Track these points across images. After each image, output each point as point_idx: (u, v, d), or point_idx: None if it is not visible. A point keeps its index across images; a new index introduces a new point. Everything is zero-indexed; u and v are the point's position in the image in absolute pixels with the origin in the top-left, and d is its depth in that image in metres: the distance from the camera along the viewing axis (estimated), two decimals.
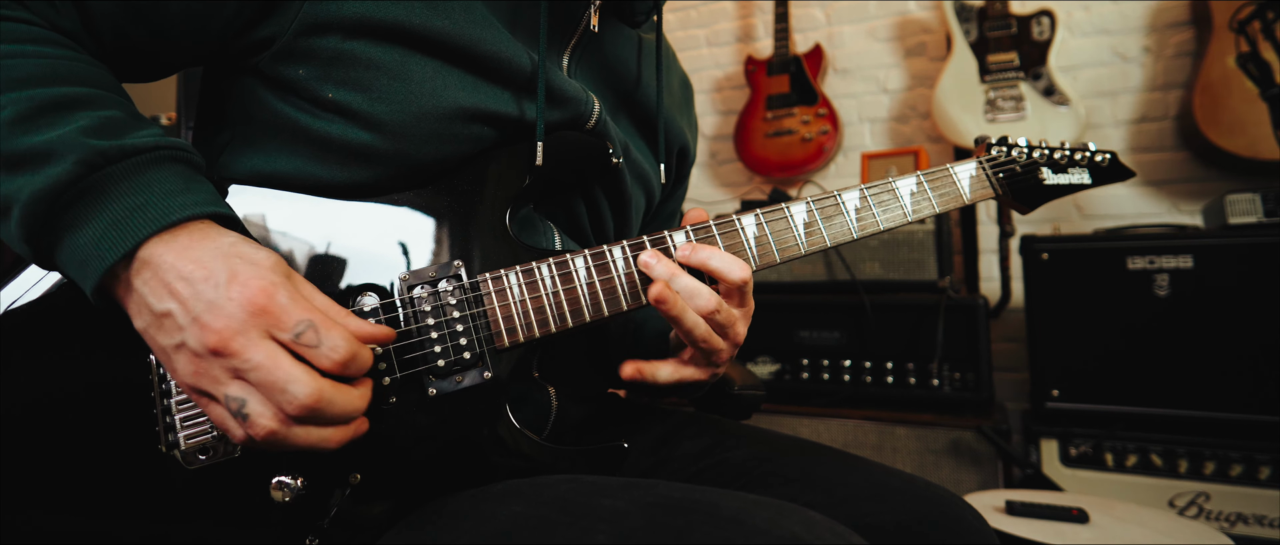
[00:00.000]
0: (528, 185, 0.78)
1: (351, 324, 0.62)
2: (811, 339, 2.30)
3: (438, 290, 0.71)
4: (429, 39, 0.72)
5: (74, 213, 0.58)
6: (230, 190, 0.71)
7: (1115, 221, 2.56)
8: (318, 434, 0.59)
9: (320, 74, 0.71)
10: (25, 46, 0.62)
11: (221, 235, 0.61)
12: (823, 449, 0.88)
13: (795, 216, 0.83)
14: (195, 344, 0.56)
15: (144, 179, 0.60)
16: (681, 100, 1.09)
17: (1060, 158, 0.98)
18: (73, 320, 0.66)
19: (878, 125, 3.02)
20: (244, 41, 0.71)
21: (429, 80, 0.73)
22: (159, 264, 0.58)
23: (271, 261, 0.60)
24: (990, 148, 0.96)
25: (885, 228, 0.86)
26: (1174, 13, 2.58)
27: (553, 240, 0.85)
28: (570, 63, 0.86)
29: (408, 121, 0.72)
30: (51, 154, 0.57)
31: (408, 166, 0.73)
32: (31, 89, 0.59)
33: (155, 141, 0.61)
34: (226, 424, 0.58)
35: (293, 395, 0.56)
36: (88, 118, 0.60)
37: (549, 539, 0.57)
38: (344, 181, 0.73)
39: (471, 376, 0.71)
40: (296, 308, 0.58)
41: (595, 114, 0.83)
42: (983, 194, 0.93)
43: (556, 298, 0.74)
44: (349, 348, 0.59)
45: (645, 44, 0.97)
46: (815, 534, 0.56)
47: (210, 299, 0.56)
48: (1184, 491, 1.84)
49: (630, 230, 0.96)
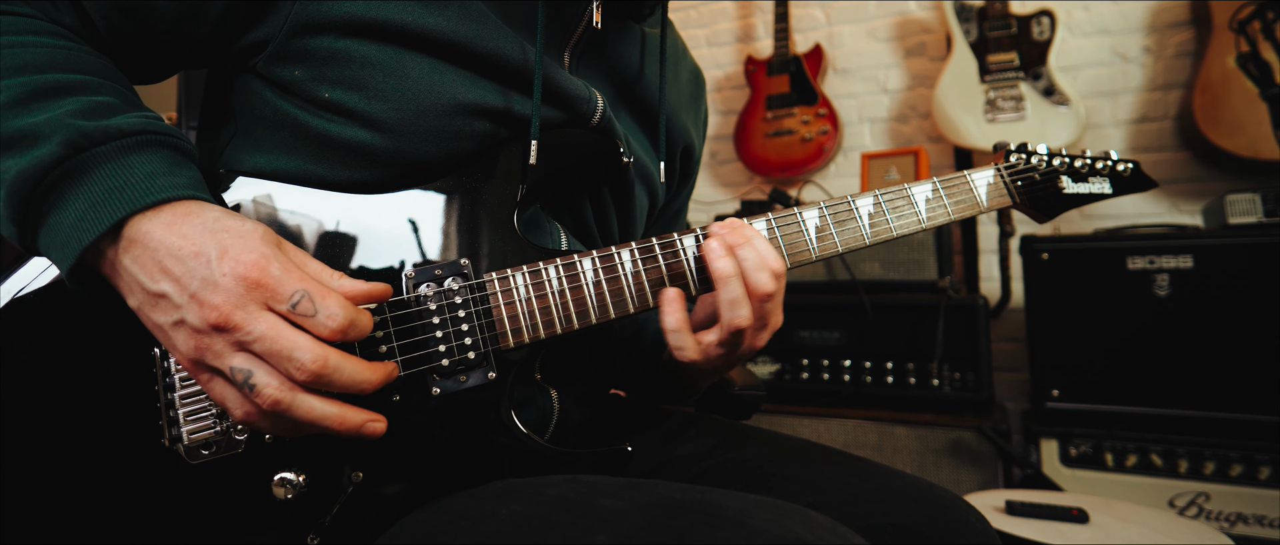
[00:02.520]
0: (532, 184, 0.77)
1: (346, 286, 0.62)
2: (811, 339, 2.30)
3: (444, 288, 0.71)
4: (423, 37, 0.72)
5: (57, 193, 0.58)
6: (237, 180, 0.71)
7: (1115, 221, 2.56)
8: (324, 408, 0.59)
9: (316, 74, 0.71)
10: (25, 37, 0.63)
11: (205, 209, 0.61)
12: (824, 450, 0.88)
13: (808, 221, 0.81)
14: (195, 321, 0.57)
15: (127, 161, 0.60)
16: (689, 97, 1.07)
17: (1081, 166, 0.95)
18: (76, 313, 0.66)
19: (878, 125, 3.02)
20: (238, 45, 0.72)
21: (425, 77, 0.72)
22: (147, 242, 0.58)
23: (260, 232, 0.60)
24: (1009, 155, 0.93)
25: (899, 234, 0.84)
26: (1174, 13, 2.59)
27: (560, 240, 0.84)
28: (572, 59, 0.86)
29: (407, 119, 0.72)
30: (38, 136, 0.58)
31: (409, 165, 0.73)
32: (28, 75, 0.60)
33: (142, 125, 0.61)
34: (227, 399, 0.59)
35: (299, 361, 0.56)
36: (78, 102, 0.60)
37: (549, 539, 0.57)
38: (346, 180, 0.73)
39: (475, 376, 0.71)
40: (290, 278, 0.58)
41: (599, 111, 0.83)
42: (1000, 202, 0.90)
43: (563, 299, 0.74)
44: (345, 313, 0.59)
45: (650, 39, 0.96)
46: (817, 535, 0.56)
47: (204, 276, 0.57)
48: (1184, 491, 1.84)
49: (635, 231, 0.95)
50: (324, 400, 0.59)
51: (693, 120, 1.07)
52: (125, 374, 0.66)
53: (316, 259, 0.64)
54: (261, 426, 0.60)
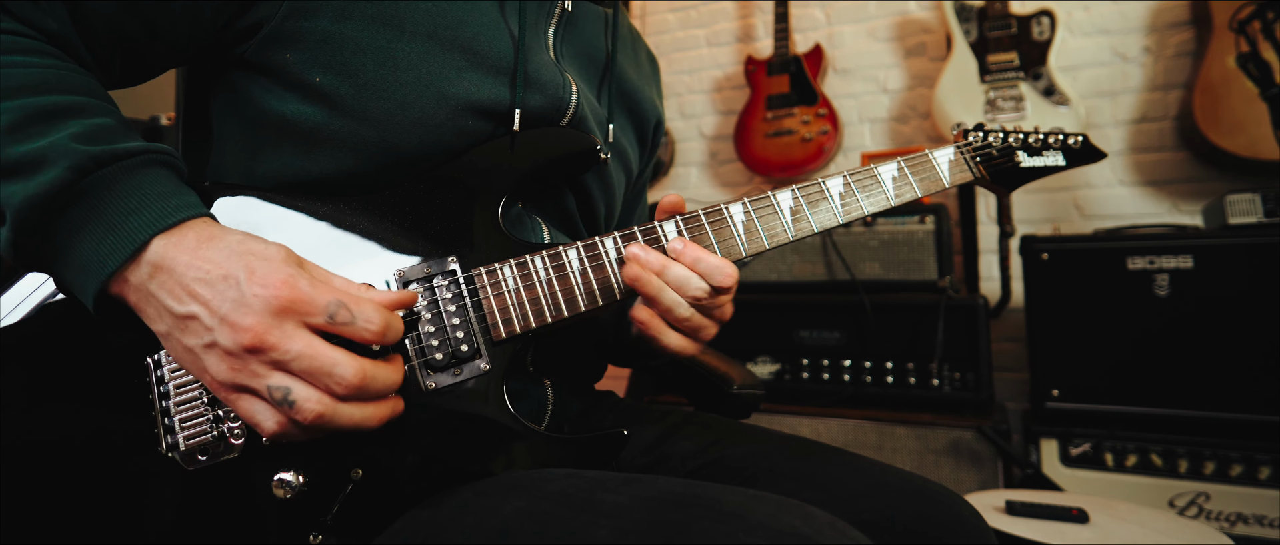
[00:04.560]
0: (515, 182, 0.78)
1: (375, 295, 0.63)
2: (811, 339, 2.30)
3: (433, 285, 0.72)
4: (415, 21, 0.74)
5: (67, 218, 0.58)
6: (218, 201, 0.71)
7: (1115, 221, 2.56)
8: (361, 412, 0.61)
9: (308, 58, 0.72)
10: (14, 57, 0.62)
11: (228, 233, 0.62)
12: (818, 446, 0.88)
13: (782, 203, 0.84)
14: (228, 344, 0.57)
15: (134, 182, 0.60)
16: (650, 74, 1.13)
17: (1034, 141, 1.02)
18: (69, 325, 0.66)
19: (878, 125, 3.02)
20: (234, 28, 0.72)
21: (414, 67, 0.74)
22: (173, 267, 0.59)
23: (283, 254, 0.61)
24: (967, 134, 1.00)
25: (869, 211, 0.88)
26: (1174, 13, 2.59)
27: (541, 234, 0.85)
28: (554, 42, 0.88)
29: (393, 108, 0.73)
30: (43, 161, 0.58)
31: (394, 157, 0.74)
32: (23, 98, 0.60)
33: (144, 146, 0.62)
34: (258, 414, 0.59)
35: (340, 376, 0.58)
36: (78, 125, 0.61)
37: (550, 534, 0.57)
38: (332, 173, 0.73)
39: (469, 369, 0.71)
40: (320, 292, 0.59)
41: (573, 102, 0.85)
42: (962, 177, 0.96)
43: (551, 288, 0.75)
44: (382, 318, 0.60)
45: (607, 18, 1.00)
46: (817, 529, 0.56)
47: (234, 298, 0.57)
48: (1184, 491, 1.84)
49: (615, 207, 0.98)
50: (359, 405, 0.61)
51: (657, 95, 1.13)
52: (119, 384, 0.66)
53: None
54: (293, 438, 0.61)
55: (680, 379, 1.25)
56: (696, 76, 3.35)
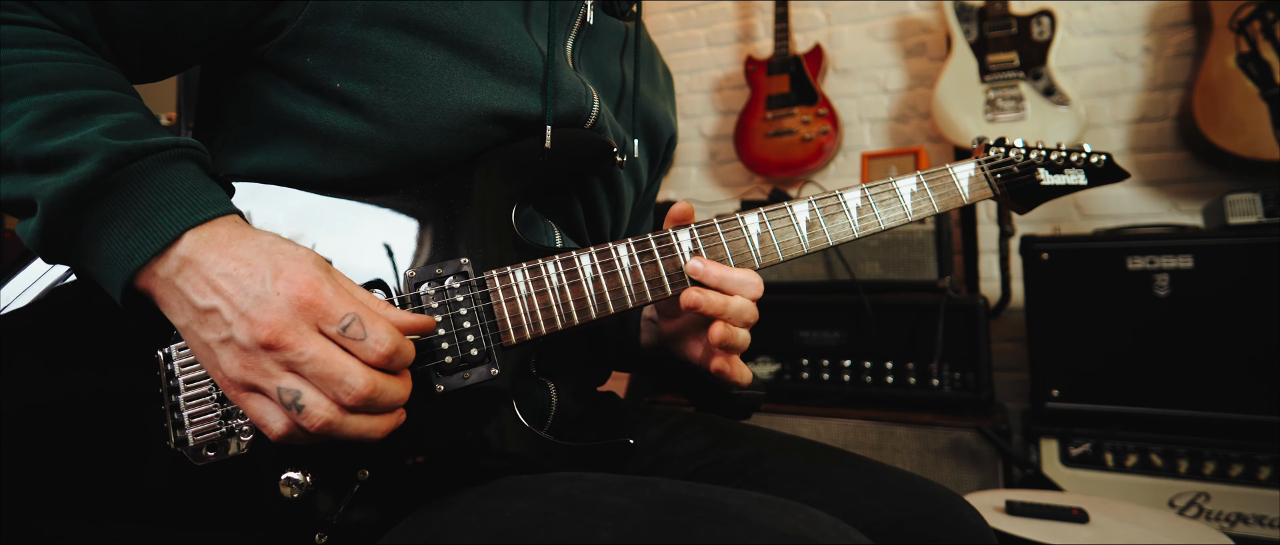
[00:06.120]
0: (532, 181, 0.78)
1: (393, 315, 0.62)
2: (811, 339, 2.30)
3: (444, 287, 0.71)
4: (439, 30, 0.73)
5: (98, 211, 0.58)
6: (233, 189, 0.71)
7: (1115, 221, 2.56)
8: (367, 423, 0.60)
9: (329, 63, 0.71)
10: (41, 50, 0.62)
11: (259, 233, 0.62)
12: (819, 447, 0.88)
13: (798, 215, 0.83)
14: (244, 339, 0.57)
15: (165, 176, 0.61)
16: (665, 89, 1.12)
17: (1057, 159, 0.99)
18: (78, 317, 0.66)
19: (878, 125, 3.03)
20: (256, 28, 0.72)
21: (436, 74, 0.73)
22: (201, 261, 0.59)
23: (312, 257, 0.61)
24: (989, 149, 0.97)
25: (886, 226, 0.86)
26: (1174, 13, 2.59)
27: (554, 239, 0.85)
28: (573, 54, 0.87)
29: (413, 115, 0.72)
30: (75, 154, 0.58)
31: (409, 161, 0.74)
32: (52, 93, 0.60)
33: (174, 140, 0.62)
34: (266, 416, 0.59)
35: (350, 386, 0.57)
36: (109, 119, 0.61)
37: (553, 536, 0.58)
38: (345, 176, 0.73)
39: (478, 373, 0.71)
40: (341, 301, 0.59)
41: (595, 110, 0.84)
42: (981, 194, 0.94)
43: (563, 295, 0.75)
44: (393, 340, 0.59)
45: (629, 32, 1.00)
46: (820, 532, 0.56)
47: (257, 294, 0.57)
48: (1184, 491, 1.84)
49: (623, 220, 0.97)
50: (366, 417, 0.60)
51: (671, 111, 1.11)
52: (129, 377, 0.66)
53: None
54: (299, 442, 0.60)
55: (681, 380, 1.25)
56: (696, 76, 3.35)
